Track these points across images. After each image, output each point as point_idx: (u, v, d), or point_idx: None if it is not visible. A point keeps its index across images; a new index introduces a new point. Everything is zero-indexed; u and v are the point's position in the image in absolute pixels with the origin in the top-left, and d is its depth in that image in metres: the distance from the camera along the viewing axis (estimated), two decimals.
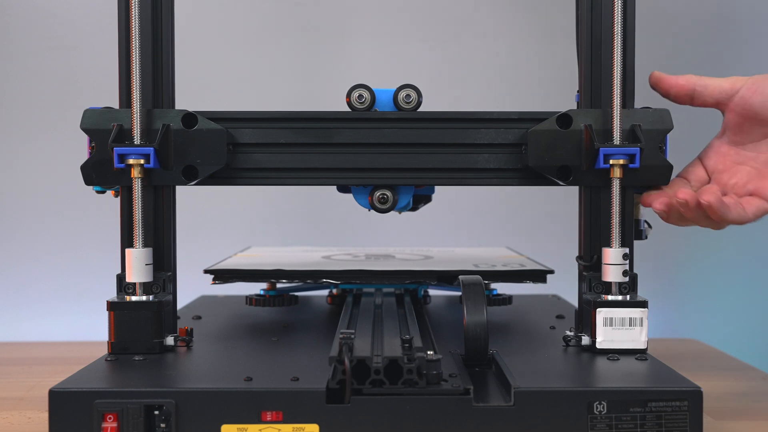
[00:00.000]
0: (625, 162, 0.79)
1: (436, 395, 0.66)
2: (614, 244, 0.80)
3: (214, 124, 0.81)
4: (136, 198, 0.80)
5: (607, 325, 0.79)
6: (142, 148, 0.79)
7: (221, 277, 0.95)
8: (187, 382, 0.69)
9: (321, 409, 0.66)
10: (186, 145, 0.81)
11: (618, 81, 0.80)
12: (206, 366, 0.75)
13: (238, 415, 0.66)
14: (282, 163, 0.84)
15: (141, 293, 0.80)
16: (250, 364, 0.75)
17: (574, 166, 0.81)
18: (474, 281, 0.78)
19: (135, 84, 0.80)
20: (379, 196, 0.86)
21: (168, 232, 0.83)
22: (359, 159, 0.84)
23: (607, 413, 0.66)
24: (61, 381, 0.69)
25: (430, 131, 0.84)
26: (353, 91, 0.85)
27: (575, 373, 0.73)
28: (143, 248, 0.80)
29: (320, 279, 0.95)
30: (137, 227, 0.80)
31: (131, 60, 0.80)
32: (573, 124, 0.81)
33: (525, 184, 0.85)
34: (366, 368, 0.66)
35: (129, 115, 0.80)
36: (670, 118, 0.81)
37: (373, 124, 0.84)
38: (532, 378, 0.69)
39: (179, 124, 0.81)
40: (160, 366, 0.74)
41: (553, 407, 0.66)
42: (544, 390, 0.67)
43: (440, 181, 0.85)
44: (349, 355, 0.66)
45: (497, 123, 0.84)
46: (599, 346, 0.79)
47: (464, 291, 0.76)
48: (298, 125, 0.84)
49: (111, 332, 0.79)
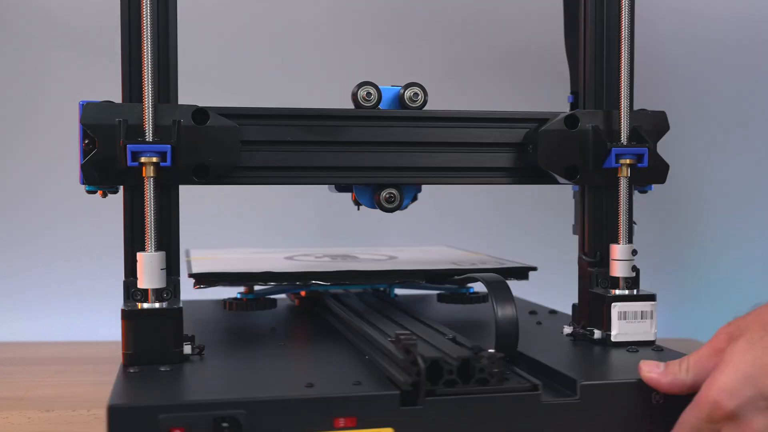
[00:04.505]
0: (632, 162, 0.82)
1: (507, 392, 0.67)
2: (622, 241, 0.83)
3: (226, 121, 0.78)
4: (148, 198, 0.75)
5: (621, 319, 0.82)
6: (158, 146, 0.75)
7: (206, 281, 0.91)
8: (254, 391, 0.66)
9: (395, 412, 0.65)
10: (197, 143, 0.77)
11: (626, 83, 0.83)
12: (247, 374, 0.72)
13: (311, 422, 0.64)
14: (289, 162, 0.82)
15: (153, 300, 0.75)
16: (283, 370, 0.73)
17: (580, 166, 0.84)
18: (497, 279, 0.79)
19: (147, 76, 0.75)
20: (387, 196, 0.85)
21: (175, 233, 0.79)
22: (369, 157, 0.83)
23: (664, 403, 0.69)
24: (111, 396, 0.64)
25: (438, 130, 0.84)
26: (360, 88, 0.84)
27: (619, 365, 0.75)
28: (156, 252, 0.75)
29: (310, 281, 0.93)
30: (149, 229, 0.75)
31: (142, 51, 0.75)
32: (580, 124, 0.84)
33: (528, 183, 0.87)
34: (437, 369, 0.66)
35: (135, 110, 0.76)
36: (667, 119, 0.86)
37: (382, 123, 0.83)
38: (585, 372, 0.71)
39: (189, 120, 0.77)
40: (203, 375, 0.70)
41: (617, 400, 0.68)
42: (609, 383, 0.69)
43: (447, 180, 0.85)
44: (422, 357, 0.66)
45: (503, 123, 0.85)
46: (615, 339, 0.82)
47: (491, 289, 0.77)
48: (306, 122, 0.82)
49: (126, 343, 0.74)
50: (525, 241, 1.42)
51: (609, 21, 0.85)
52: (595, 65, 0.85)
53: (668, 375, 0.68)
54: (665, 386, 0.68)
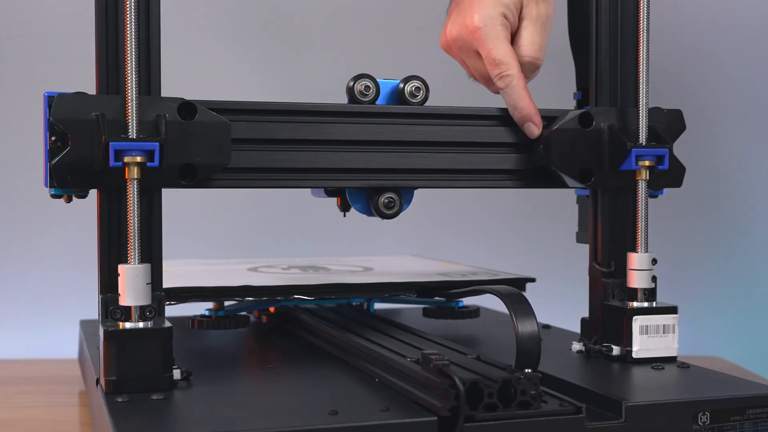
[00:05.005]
0: (652, 163, 0.82)
1: (551, 416, 0.65)
2: (640, 249, 0.83)
3: (216, 116, 0.74)
4: (132, 204, 0.71)
5: (643, 333, 0.81)
6: (145, 143, 0.71)
7: (177, 297, 0.87)
8: (277, 421, 0.62)
9: None
10: (184, 140, 0.74)
11: (644, 77, 0.83)
12: (255, 401, 0.69)
13: None
14: (282, 163, 0.79)
15: (137, 318, 0.71)
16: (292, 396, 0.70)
17: (595, 168, 0.83)
18: (513, 292, 0.77)
19: (131, 64, 0.71)
20: (386, 201, 0.83)
21: (158, 243, 0.75)
22: (365, 158, 0.81)
23: (710, 423, 0.69)
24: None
25: (441, 128, 0.82)
26: (357, 81, 0.82)
27: (659, 384, 0.74)
28: (141, 264, 0.71)
29: (293, 295, 0.89)
30: (133, 239, 0.71)
31: (125, 36, 0.71)
32: (594, 123, 0.83)
33: (536, 187, 0.86)
34: (475, 392, 0.64)
35: (115, 103, 0.72)
36: (683, 118, 0.86)
37: (381, 120, 0.81)
38: (629, 393, 0.70)
39: (175, 115, 0.73)
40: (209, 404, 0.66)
41: (662, 420, 0.68)
42: (656, 403, 0.68)
43: (450, 183, 0.84)
44: (461, 379, 0.63)
45: (508, 120, 0.84)
46: (636, 356, 0.81)
47: (508, 303, 0.75)
48: (300, 119, 0.79)
49: (108, 367, 0.69)
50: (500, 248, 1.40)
51: (623, 6, 0.84)
52: (610, 57, 0.85)
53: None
54: None
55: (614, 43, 0.85)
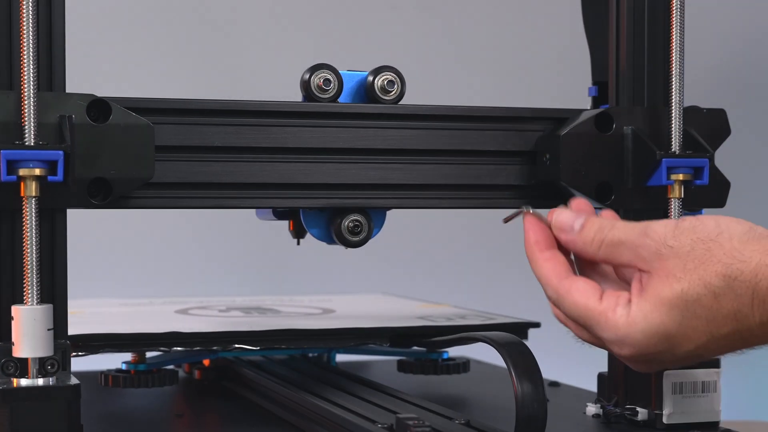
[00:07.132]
0: (688, 177, 0.84)
1: None
2: None
3: (136, 117, 0.76)
4: (28, 228, 0.72)
5: (676, 393, 0.83)
6: (45, 152, 0.72)
7: (87, 346, 0.87)
8: None
9: None
10: (95, 148, 0.75)
11: (677, 70, 0.84)
12: None
13: None
14: (218, 177, 0.80)
15: (36, 374, 0.72)
16: None
17: (615, 183, 0.85)
18: (512, 340, 0.79)
19: (27, 51, 0.72)
20: (351, 225, 0.84)
21: (62, 278, 0.76)
22: (325, 170, 0.82)
23: None
24: None
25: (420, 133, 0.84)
26: (315, 73, 0.83)
27: None
28: (40, 305, 0.72)
29: (231, 344, 0.90)
30: (30, 273, 0.72)
31: (20, 14, 0.72)
32: (615, 126, 0.85)
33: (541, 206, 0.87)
34: None
35: (8, 100, 0.73)
36: (727, 120, 0.87)
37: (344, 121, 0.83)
38: None
39: (84, 117, 0.75)
40: None
41: None
42: None
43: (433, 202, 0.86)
44: None
45: (507, 123, 0.86)
46: (668, 421, 0.83)
47: (506, 354, 0.77)
48: (242, 120, 0.80)
49: None
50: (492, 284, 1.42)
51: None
52: (635, 45, 0.86)
53: (579, 242, 0.72)
54: (571, 246, 0.73)
55: (640, 25, 0.87)
